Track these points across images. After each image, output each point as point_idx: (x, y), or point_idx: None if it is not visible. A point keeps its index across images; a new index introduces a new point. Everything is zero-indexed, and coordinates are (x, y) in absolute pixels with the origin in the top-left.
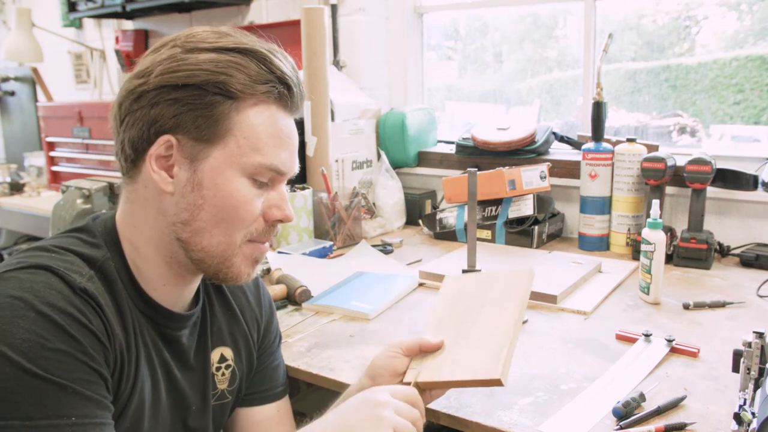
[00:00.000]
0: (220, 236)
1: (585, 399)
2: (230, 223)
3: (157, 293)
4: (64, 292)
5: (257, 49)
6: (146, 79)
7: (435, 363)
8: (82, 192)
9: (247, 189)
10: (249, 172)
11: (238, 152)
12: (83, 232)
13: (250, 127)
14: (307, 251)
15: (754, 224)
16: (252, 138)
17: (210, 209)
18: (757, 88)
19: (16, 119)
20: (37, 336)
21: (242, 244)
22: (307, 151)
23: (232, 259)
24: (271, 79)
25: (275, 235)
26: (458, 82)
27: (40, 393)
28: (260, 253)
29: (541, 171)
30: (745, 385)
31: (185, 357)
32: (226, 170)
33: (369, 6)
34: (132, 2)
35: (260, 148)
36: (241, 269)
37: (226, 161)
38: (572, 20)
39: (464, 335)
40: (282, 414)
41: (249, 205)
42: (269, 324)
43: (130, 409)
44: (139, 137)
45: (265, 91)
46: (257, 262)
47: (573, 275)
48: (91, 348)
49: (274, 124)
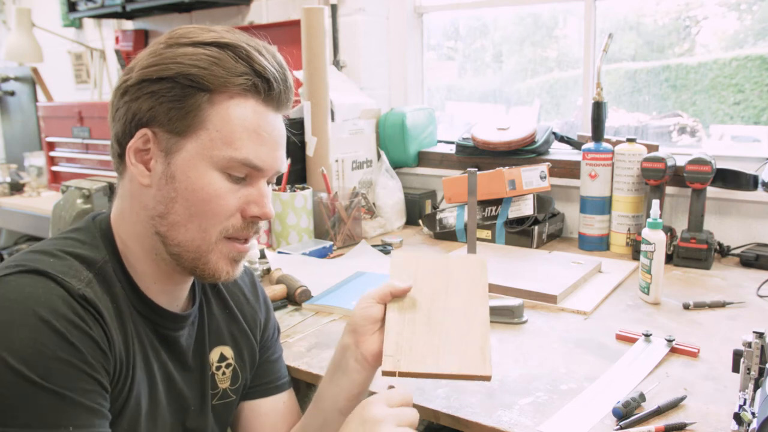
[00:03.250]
0: (194, 231)
1: (585, 399)
2: (203, 218)
3: (150, 291)
4: (64, 298)
5: (237, 44)
6: (130, 75)
7: (415, 352)
8: (82, 192)
9: (220, 183)
10: (221, 166)
11: (210, 145)
12: (82, 232)
13: (224, 120)
14: (307, 251)
15: (754, 224)
16: (225, 131)
17: (183, 202)
18: (757, 88)
19: (16, 119)
20: (38, 344)
21: (218, 240)
22: (307, 151)
23: (207, 255)
24: (247, 72)
25: (257, 233)
26: (458, 82)
27: (38, 402)
28: (238, 252)
29: (541, 171)
30: (745, 385)
31: (184, 358)
32: (198, 163)
33: (369, 6)
34: (132, 2)
35: (233, 142)
36: (218, 266)
37: (198, 154)
38: (572, 20)
39: (438, 322)
40: (288, 406)
41: (221, 200)
42: (267, 319)
43: (127, 412)
44: (122, 132)
45: (239, 84)
46: (236, 261)
47: (573, 275)
48: (91, 356)
49: (251, 119)
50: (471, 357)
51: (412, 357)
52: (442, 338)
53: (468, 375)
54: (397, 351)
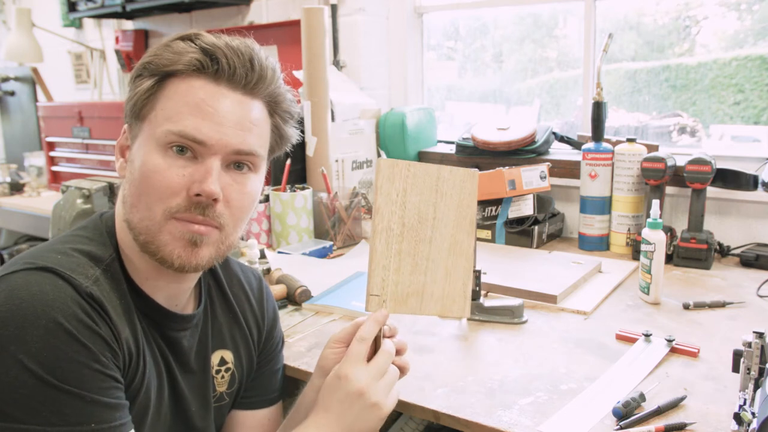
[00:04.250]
0: (143, 210)
1: (585, 399)
2: (147, 196)
3: (146, 287)
4: (72, 297)
5: (197, 33)
6: None
7: (400, 291)
8: (82, 192)
9: (160, 159)
10: (162, 142)
11: (155, 123)
12: (90, 230)
13: (170, 101)
14: (307, 251)
15: (754, 224)
16: (167, 109)
17: (134, 182)
18: (757, 88)
19: (16, 119)
20: (51, 346)
21: (165, 220)
22: (307, 151)
23: (158, 237)
24: (193, 52)
25: (210, 217)
26: (458, 82)
27: (59, 402)
28: (192, 233)
29: (541, 171)
30: (745, 385)
31: (186, 359)
32: (146, 143)
33: (369, 6)
34: (132, 2)
35: (172, 117)
36: (170, 249)
37: (148, 135)
38: (572, 20)
39: (424, 257)
40: (272, 422)
41: (158, 175)
42: (272, 328)
43: (135, 406)
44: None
45: (185, 62)
46: (193, 243)
47: (573, 275)
48: (102, 355)
49: (194, 94)
50: (452, 298)
51: (397, 297)
52: (427, 276)
53: (448, 316)
54: (383, 290)
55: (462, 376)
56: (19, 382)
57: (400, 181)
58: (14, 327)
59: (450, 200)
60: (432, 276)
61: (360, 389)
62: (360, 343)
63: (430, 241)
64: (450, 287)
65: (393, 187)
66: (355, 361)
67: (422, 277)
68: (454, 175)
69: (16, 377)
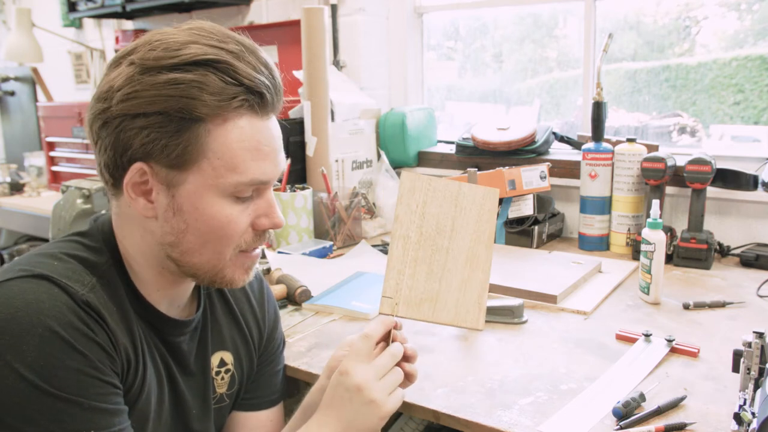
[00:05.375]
0: (209, 254)
1: (585, 399)
2: (218, 243)
3: (152, 298)
4: (68, 305)
5: (219, 58)
6: (108, 104)
7: (414, 296)
8: (82, 192)
9: (230, 208)
10: (229, 192)
11: (214, 174)
12: (85, 236)
13: (223, 146)
14: (307, 251)
15: (754, 224)
16: (226, 158)
17: (195, 232)
18: (757, 88)
19: (16, 119)
20: (47, 354)
21: (235, 257)
22: (307, 151)
23: (224, 271)
24: (237, 92)
25: (268, 239)
26: (458, 82)
27: (57, 410)
28: (252, 261)
29: (541, 171)
30: (745, 385)
31: (185, 362)
32: (204, 194)
33: (369, 6)
34: (132, 2)
35: (237, 166)
36: (234, 277)
37: (203, 185)
38: (572, 20)
39: (440, 265)
40: (274, 422)
41: (234, 224)
42: (273, 330)
43: (135, 411)
44: (113, 164)
45: (236, 107)
46: (251, 268)
47: (573, 275)
48: (100, 362)
49: (249, 137)
50: (467, 308)
51: (410, 302)
52: (442, 284)
53: (461, 326)
54: (396, 293)
55: (462, 376)
56: (16, 390)
57: (420, 194)
58: (10, 336)
59: (469, 214)
60: (447, 285)
61: (358, 384)
62: (364, 340)
63: (447, 252)
64: (465, 298)
65: (413, 198)
66: (356, 357)
67: (437, 284)
68: (474, 192)
69: (12, 386)
